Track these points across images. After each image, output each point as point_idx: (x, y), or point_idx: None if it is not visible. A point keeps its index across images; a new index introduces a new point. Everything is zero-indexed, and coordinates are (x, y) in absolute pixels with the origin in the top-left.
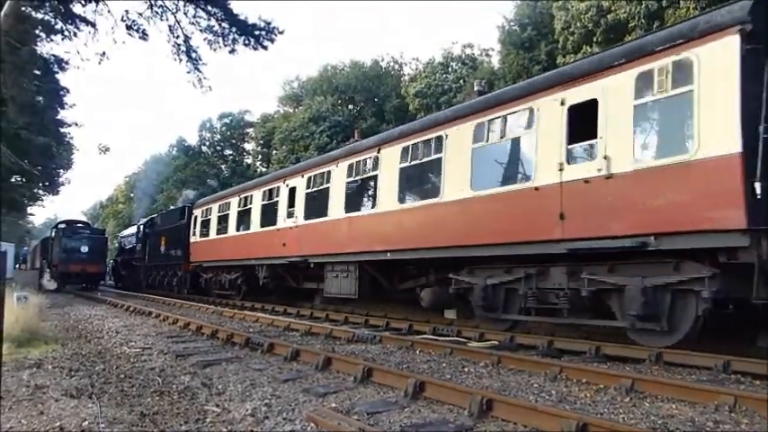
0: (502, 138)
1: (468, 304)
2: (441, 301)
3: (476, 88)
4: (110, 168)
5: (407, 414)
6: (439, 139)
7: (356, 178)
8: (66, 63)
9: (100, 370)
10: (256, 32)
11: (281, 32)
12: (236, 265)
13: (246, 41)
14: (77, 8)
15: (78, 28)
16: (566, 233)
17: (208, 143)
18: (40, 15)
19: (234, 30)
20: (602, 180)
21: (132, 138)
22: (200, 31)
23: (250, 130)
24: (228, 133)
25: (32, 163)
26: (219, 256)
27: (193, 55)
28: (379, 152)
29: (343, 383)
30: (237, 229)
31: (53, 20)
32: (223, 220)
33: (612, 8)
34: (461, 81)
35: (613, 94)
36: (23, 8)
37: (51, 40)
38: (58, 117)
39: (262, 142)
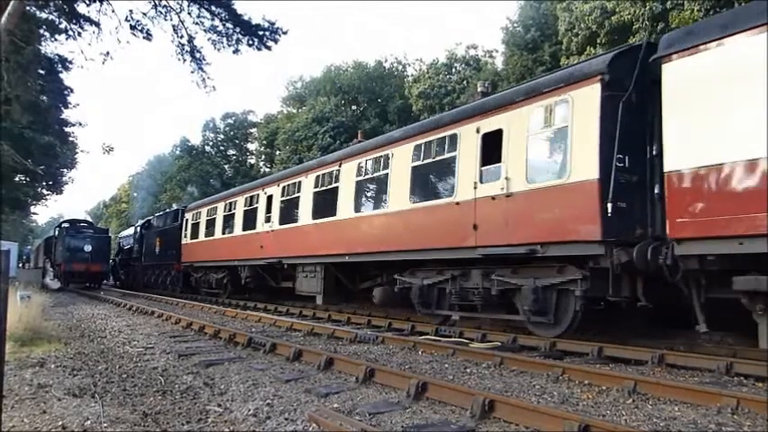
0: (434, 158)
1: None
2: (390, 299)
3: (479, 89)
4: (114, 168)
5: (409, 415)
6: (387, 156)
7: (322, 188)
8: (71, 63)
9: (102, 369)
10: (260, 33)
11: (284, 33)
12: (221, 265)
13: (250, 42)
14: (82, 8)
15: (82, 27)
16: (478, 241)
17: (211, 143)
18: (44, 15)
19: (238, 30)
20: (503, 198)
21: (136, 137)
22: (204, 31)
23: (253, 131)
24: (232, 133)
25: (36, 162)
26: (207, 257)
27: (197, 55)
28: (340, 166)
29: (345, 384)
30: (223, 233)
31: (57, 19)
32: (211, 223)
33: (617, 10)
34: (465, 82)
35: (514, 125)
36: (28, 7)
37: (55, 39)
38: (62, 116)
39: (265, 142)
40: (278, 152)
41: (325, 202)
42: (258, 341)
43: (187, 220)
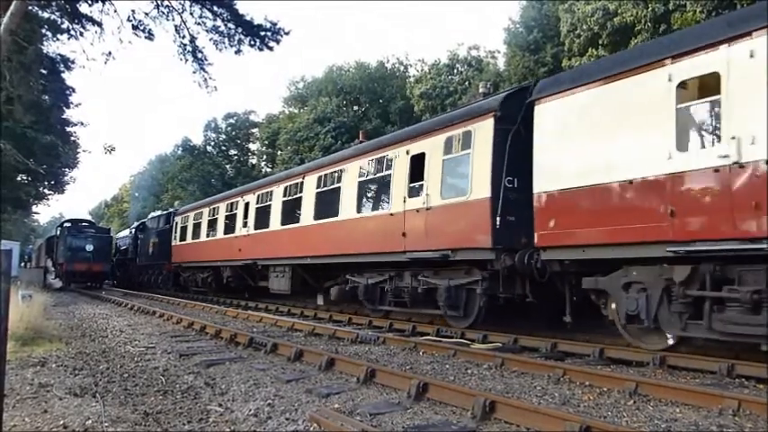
0: (375, 175)
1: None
2: (344, 296)
3: (481, 90)
4: (117, 167)
5: (410, 415)
6: (340, 172)
7: (289, 198)
8: (73, 62)
9: (104, 369)
10: (262, 33)
11: (286, 33)
12: (206, 266)
13: (252, 42)
14: (84, 8)
15: (85, 27)
16: (407, 247)
17: (213, 143)
18: (46, 15)
19: (240, 30)
20: (425, 211)
21: (138, 137)
22: (206, 31)
23: (255, 131)
24: (233, 133)
25: (38, 162)
26: (194, 258)
27: (199, 55)
28: (304, 178)
29: (346, 384)
30: (208, 236)
31: (60, 19)
32: (197, 227)
33: (619, 11)
34: (467, 83)
35: (433, 150)
36: (30, 7)
37: (58, 39)
38: (64, 116)
39: (267, 143)
40: (279, 152)
41: (292, 210)
42: (259, 341)
43: (177, 223)
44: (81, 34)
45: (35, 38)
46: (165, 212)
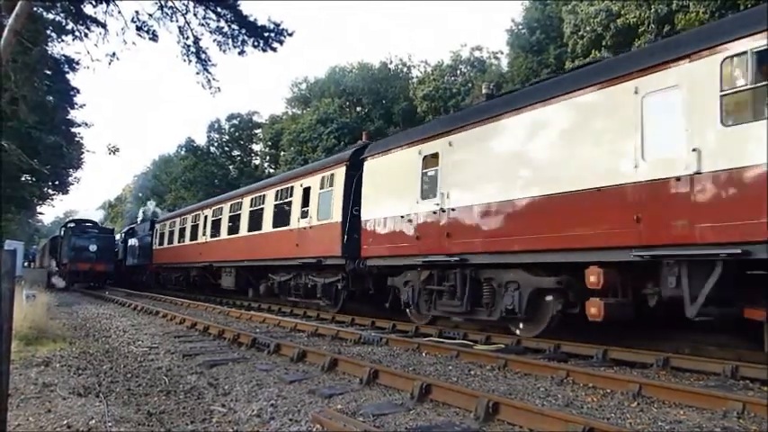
0: (284, 200)
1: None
2: (268, 291)
3: (484, 91)
4: (124, 168)
5: (413, 416)
6: (263, 196)
7: (233, 214)
8: (77, 63)
9: (107, 369)
10: (266, 34)
11: (290, 34)
12: (178, 266)
13: (256, 43)
14: (88, 9)
15: (89, 29)
16: (299, 254)
17: (216, 144)
18: (51, 16)
19: (243, 31)
20: (308, 228)
21: (144, 138)
22: (210, 32)
23: (258, 132)
24: (237, 134)
25: (42, 162)
26: (169, 260)
27: (203, 56)
28: (242, 199)
29: (349, 385)
30: (179, 241)
31: (64, 20)
32: (172, 233)
33: (622, 12)
34: (470, 84)
35: (314, 185)
36: (35, 8)
37: (62, 40)
38: (68, 117)
39: (270, 143)
40: (282, 153)
41: (235, 224)
42: (262, 342)
43: (157, 229)
44: (85, 35)
45: (40, 39)
46: (148, 220)
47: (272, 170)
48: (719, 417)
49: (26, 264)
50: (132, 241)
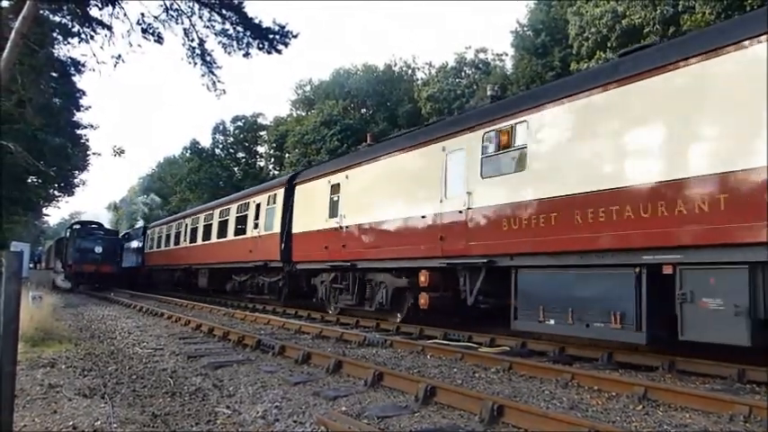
0: (242, 213)
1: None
2: (234, 290)
3: (488, 93)
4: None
5: (418, 419)
6: (228, 209)
7: (207, 223)
8: (83, 66)
9: (112, 370)
10: (270, 36)
11: (294, 36)
12: (164, 268)
13: (261, 45)
14: (94, 11)
15: (95, 31)
16: (253, 258)
17: (221, 146)
18: (57, 18)
19: (248, 33)
20: (258, 237)
21: (149, 139)
22: (215, 34)
23: (263, 133)
24: (241, 136)
25: (48, 164)
26: (157, 263)
27: (208, 58)
28: (213, 211)
29: (353, 387)
30: (165, 246)
31: (70, 23)
32: (159, 239)
33: (627, 13)
34: (474, 86)
35: (263, 202)
36: (41, 11)
37: (68, 42)
38: (74, 119)
39: (275, 145)
40: (287, 155)
41: (208, 232)
42: (267, 343)
43: (148, 235)
44: (91, 38)
45: (46, 41)
46: (141, 226)
47: (276, 172)
48: (726, 420)
49: (32, 265)
50: (128, 245)
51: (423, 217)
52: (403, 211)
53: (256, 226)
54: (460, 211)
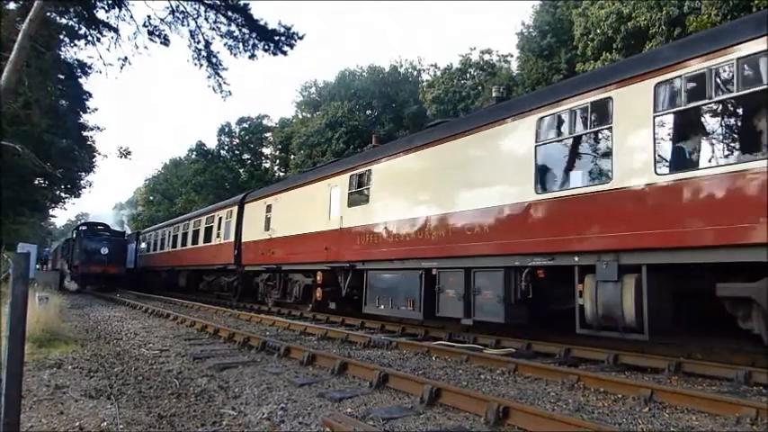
0: (210, 224)
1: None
2: (210, 288)
3: (494, 94)
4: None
5: (423, 420)
6: (199, 220)
7: (184, 231)
8: (89, 68)
9: (118, 371)
10: (276, 38)
11: (300, 38)
12: (154, 269)
13: (266, 47)
14: (101, 14)
15: (101, 33)
16: (215, 261)
17: (227, 147)
18: (64, 21)
19: (254, 35)
20: (220, 244)
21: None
22: (221, 36)
23: (268, 135)
24: (247, 138)
25: (55, 165)
26: (149, 264)
27: (214, 60)
28: (190, 221)
29: (358, 389)
30: (154, 249)
31: (77, 25)
32: (150, 243)
33: (633, 15)
34: (479, 87)
35: (224, 215)
36: (48, 13)
37: (75, 45)
38: (81, 120)
39: (280, 147)
40: (292, 156)
41: (185, 237)
42: (272, 345)
43: (141, 239)
44: (98, 40)
45: (53, 43)
46: (135, 231)
47: (281, 173)
48: (733, 423)
49: (39, 266)
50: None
51: (317, 232)
52: (307, 227)
53: (219, 235)
54: (337, 230)
